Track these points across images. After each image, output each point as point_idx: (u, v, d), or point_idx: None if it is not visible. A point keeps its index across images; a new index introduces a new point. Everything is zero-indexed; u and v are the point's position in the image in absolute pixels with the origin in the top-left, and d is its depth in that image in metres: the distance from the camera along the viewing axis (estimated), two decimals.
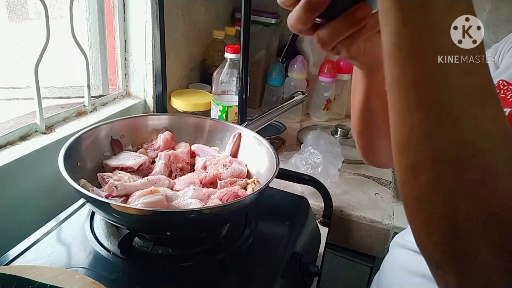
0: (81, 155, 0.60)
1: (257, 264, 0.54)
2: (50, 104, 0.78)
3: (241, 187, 0.61)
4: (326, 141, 0.93)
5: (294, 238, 0.61)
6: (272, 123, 0.91)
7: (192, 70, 1.13)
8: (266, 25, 1.22)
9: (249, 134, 0.69)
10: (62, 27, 0.74)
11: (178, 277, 0.50)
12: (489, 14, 1.10)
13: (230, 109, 0.90)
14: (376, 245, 0.80)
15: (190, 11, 1.04)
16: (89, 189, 0.55)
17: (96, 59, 0.87)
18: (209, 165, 0.66)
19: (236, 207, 0.53)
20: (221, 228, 0.59)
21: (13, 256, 0.49)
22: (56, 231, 0.55)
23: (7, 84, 0.76)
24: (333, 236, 0.82)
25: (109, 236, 0.54)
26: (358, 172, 0.97)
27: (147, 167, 0.65)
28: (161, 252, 0.53)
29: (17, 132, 0.66)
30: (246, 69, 0.77)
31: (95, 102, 0.84)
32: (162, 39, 0.81)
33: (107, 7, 0.85)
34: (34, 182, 0.64)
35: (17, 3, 0.73)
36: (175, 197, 0.56)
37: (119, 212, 0.47)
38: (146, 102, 0.95)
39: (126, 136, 0.69)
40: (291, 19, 0.35)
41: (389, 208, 0.83)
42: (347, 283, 0.91)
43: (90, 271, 0.48)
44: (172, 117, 0.74)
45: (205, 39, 1.15)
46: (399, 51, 0.26)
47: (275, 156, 0.59)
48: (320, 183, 0.76)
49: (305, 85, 1.25)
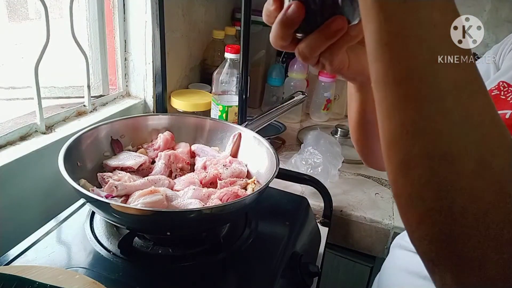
0: (81, 155, 0.60)
1: (257, 264, 0.54)
2: (50, 104, 0.78)
3: (241, 187, 0.61)
4: (326, 141, 0.93)
5: (294, 238, 0.61)
6: (272, 123, 0.91)
7: (192, 70, 1.13)
8: (266, 25, 1.22)
9: (249, 134, 0.69)
10: (62, 27, 0.74)
11: (178, 277, 0.50)
12: (489, 14, 1.10)
13: (230, 109, 0.90)
14: (376, 245, 0.80)
15: (190, 11, 1.04)
16: (89, 189, 0.55)
17: (96, 59, 0.87)
18: (209, 165, 0.66)
19: (236, 207, 0.53)
20: (221, 228, 0.59)
21: (13, 256, 0.49)
22: (56, 231, 0.55)
23: (7, 84, 0.76)
24: (333, 236, 0.82)
25: (109, 236, 0.54)
26: (358, 172, 0.97)
27: (147, 167, 0.65)
28: (161, 252, 0.53)
29: (17, 132, 0.66)
30: (246, 69, 0.77)
31: (95, 102, 0.84)
32: (162, 39, 0.81)
33: (107, 7, 0.85)
34: (34, 182, 0.64)
35: (17, 3, 0.73)
36: (175, 197, 0.56)
37: (119, 212, 0.47)
38: (146, 102, 0.95)
39: (126, 136, 0.69)
40: (272, 36, 0.36)
41: (389, 208, 0.83)
42: (347, 283, 0.91)
43: (90, 271, 0.48)
44: (172, 117, 0.74)
45: (205, 39, 1.15)
46: (382, 47, 0.26)
47: (275, 156, 0.59)
48: (320, 183, 0.76)
49: (305, 85, 1.25)
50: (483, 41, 0.57)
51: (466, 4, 1.11)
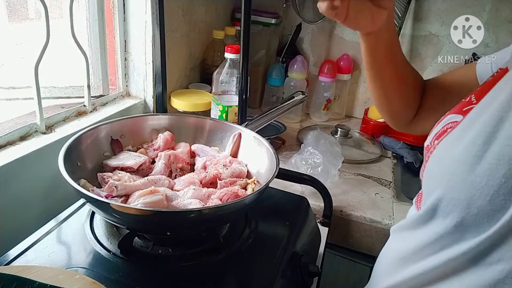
0: (81, 155, 0.60)
1: (257, 264, 0.54)
2: (50, 104, 0.78)
3: (241, 187, 0.61)
4: (326, 141, 0.93)
5: (294, 238, 0.61)
6: (272, 123, 0.91)
7: (192, 70, 1.13)
8: (266, 25, 1.22)
9: (249, 134, 0.69)
10: (62, 27, 0.74)
11: (178, 277, 0.50)
12: (489, 14, 1.10)
13: (230, 109, 0.90)
14: (376, 245, 0.80)
15: (190, 11, 1.04)
16: (89, 189, 0.55)
17: (96, 59, 0.87)
18: (209, 165, 0.66)
19: (236, 207, 0.53)
20: (221, 228, 0.59)
21: (13, 256, 0.49)
22: (56, 231, 0.55)
23: (7, 84, 0.76)
24: (333, 236, 0.82)
25: (109, 236, 0.54)
26: (358, 172, 0.97)
27: (147, 167, 0.65)
28: (161, 252, 0.53)
29: (17, 132, 0.66)
30: (246, 69, 0.77)
31: (95, 102, 0.84)
32: (162, 39, 0.81)
33: (107, 7, 0.85)
34: (34, 182, 0.64)
35: (17, 3, 0.73)
36: (175, 197, 0.56)
37: (119, 212, 0.47)
38: (146, 102, 0.95)
39: (126, 136, 0.69)
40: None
41: (389, 208, 0.83)
42: (347, 283, 0.91)
43: (90, 271, 0.48)
44: (172, 117, 0.74)
45: (205, 39, 1.15)
46: None
47: (275, 156, 0.59)
48: (320, 183, 0.76)
49: (305, 85, 1.25)
50: (483, 41, 0.57)
51: (466, 4, 1.11)
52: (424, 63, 1.21)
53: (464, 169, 0.40)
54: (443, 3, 1.14)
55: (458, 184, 0.40)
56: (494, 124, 0.39)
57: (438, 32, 1.17)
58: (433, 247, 0.44)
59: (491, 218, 0.37)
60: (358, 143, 1.13)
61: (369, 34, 0.58)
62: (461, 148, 0.41)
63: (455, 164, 0.41)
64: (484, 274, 0.39)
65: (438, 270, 0.43)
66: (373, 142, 1.15)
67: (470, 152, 0.40)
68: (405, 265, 0.48)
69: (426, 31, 1.18)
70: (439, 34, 1.17)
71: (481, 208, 0.38)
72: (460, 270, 0.42)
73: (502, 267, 0.37)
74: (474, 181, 0.38)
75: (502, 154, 0.36)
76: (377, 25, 0.55)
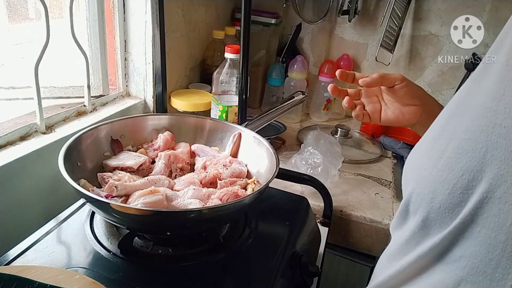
0: (81, 155, 0.60)
1: (257, 264, 0.54)
2: (50, 104, 0.78)
3: (241, 187, 0.61)
4: (326, 141, 0.93)
5: (294, 238, 0.61)
6: (272, 123, 0.91)
7: (192, 70, 1.13)
8: (266, 25, 1.22)
9: (249, 134, 0.69)
10: (62, 27, 0.74)
11: (178, 277, 0.50)
12: (489, 14, 1.10)
13: (230, 109, 0.90)
14: (376, 245, 0.80)
15: (190, 11, 1.04)
16: (89, 189, 0.55)
17: (96, 59, 0.87)
18: (209, 165, 0.66)
19: (236, 207, 0.53)
20: (221, 228, 0.59)
21: (13, 256, 0.49)
22: (56, 231, 0.55)
23: (7, 84, 0.76)
24: (333, 236, 0.82)
25: (109, 236, 0.54)
26: (358, 172, 0.97)
27: (147, 167, 0.65)
28: (161, 252, 0.53)
29: (17, 132, 0.66)
30: (246, 69, 0.77)
31: (95, 102, 0.84)
32: (162, 39, 0.81)
33: (107, 7, 0.85)
34: (34, 182, 0.64)
35: (17, 3, 0.73)
36: (175, 197, 0.56)
37: (119, 212, 0.47)
38: (146, 102, 0.95)
39: (126, 136, 0.69)
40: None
41: (389, 208, 0.83)
42: (347, 283, 0.91)
43: (90, 271, 0.48)
44: (172, 117, 0.74)
45: (205, 39, 1.15)
46: None
47: (275, 156, 0.60)
48: (320, 183, 0.76)
49: (305, 85, 1.25)
50: (483, 41, 0.57)
51: (466, 4, 1.11)
52: (424, 63, 1.22)
53: (429, 164, 0.40)
54: (443, 3, 1.14)
55: (424, 179, 0.40)
56: (452, 118, 0.40)
57: (438, 32, 1.17)
58: (410, 244, 0.44)
59: (451, 212, 0.37)
60: (358, 143, 1.13)
61: (413, 125, 0.63)
62: (427, 143, 0.43)
63: (422, 159, 0.42)
64: (450, 271, 0.38)
65: (412, 267, 0.43)
66: (373, 142, 1.15)
67: (434, 147, 0.41)
68: (390, 264, 0.47)
69: (426, 31, 1.18)
70: (439, 34, 1.17)
71: (443, 202, 0.38)
72: (428, 267, 0.41)
73: (464, 264, 0.37)
74: (437, 175, 0.38)
75: (461, 148, 0.37)
76: (416, 118, 0.62)
